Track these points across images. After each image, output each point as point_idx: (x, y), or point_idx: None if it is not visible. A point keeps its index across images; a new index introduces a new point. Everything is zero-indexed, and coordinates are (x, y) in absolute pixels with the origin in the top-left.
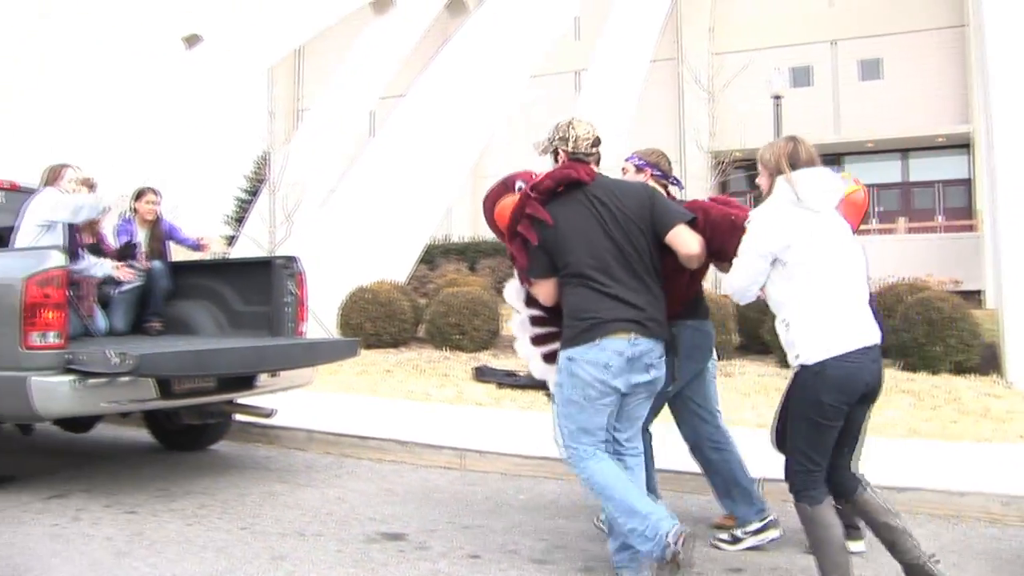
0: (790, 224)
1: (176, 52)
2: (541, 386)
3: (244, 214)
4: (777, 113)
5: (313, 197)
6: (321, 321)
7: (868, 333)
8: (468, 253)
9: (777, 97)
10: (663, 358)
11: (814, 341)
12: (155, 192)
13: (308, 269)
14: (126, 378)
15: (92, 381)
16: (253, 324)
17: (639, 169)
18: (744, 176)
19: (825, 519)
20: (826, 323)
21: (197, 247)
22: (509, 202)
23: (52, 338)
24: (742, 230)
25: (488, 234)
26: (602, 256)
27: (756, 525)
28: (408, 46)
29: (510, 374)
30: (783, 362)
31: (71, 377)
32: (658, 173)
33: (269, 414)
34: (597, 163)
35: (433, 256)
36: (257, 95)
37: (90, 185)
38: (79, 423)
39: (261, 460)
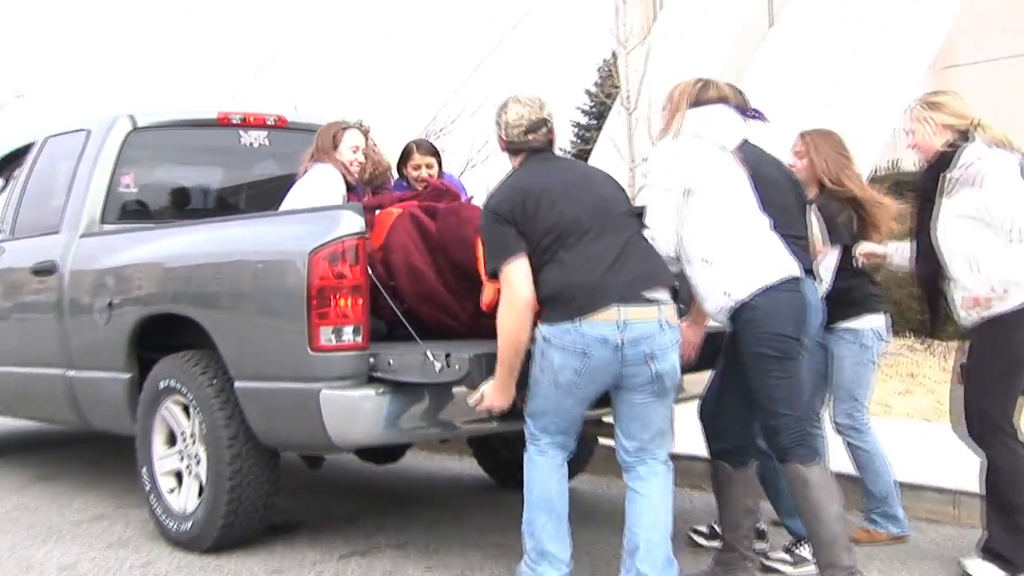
0: (698, 154)
1: None
2: None
3: (587, 145)
4: None
5: None
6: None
7: (791, 264)
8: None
9: None
10: (673, 340)
11: (745, 273)
12: (428, 149)
13: None
14: (454, 389)
15: (406, 395)
16: None
17: None
18: None
19: (822, 480)
20: (754, 253)
21: None
22: None
23: (350, 335)
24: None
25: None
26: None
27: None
28: None
29: None
30: None
31: (376, 389)
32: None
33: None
34: (548, 146)
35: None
36: None
37: (375, 158)
38: (384, 453)
39: None
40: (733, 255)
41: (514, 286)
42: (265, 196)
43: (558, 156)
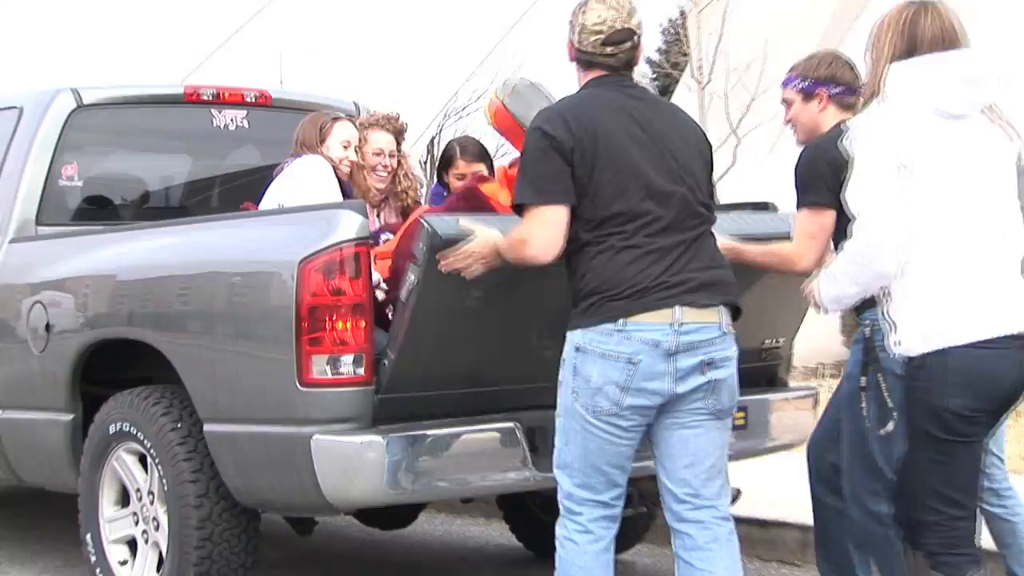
0: (914, 133)
1: None
2: None
3: None
4: None
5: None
6: None
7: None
8: None
9: None
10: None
11: (931, 320)
12: (476, 153)
13: None
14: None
15: (420, 443)
16: None
17: (807, 95)
18: None
19: None
20: (955, 293)
21: None
22: None
23: (349, 366)
24: None
25: None
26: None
27: None
28: None
29: None
30: None
31: (384, 436)
32: (838, 90)
33: (735, 496)
34: (626, 67)
35: None
36: None
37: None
38: (392, 515)
39: None
40: (924, 293)
41: (538, 241)
42: (244, 191)
43: (637, 86)
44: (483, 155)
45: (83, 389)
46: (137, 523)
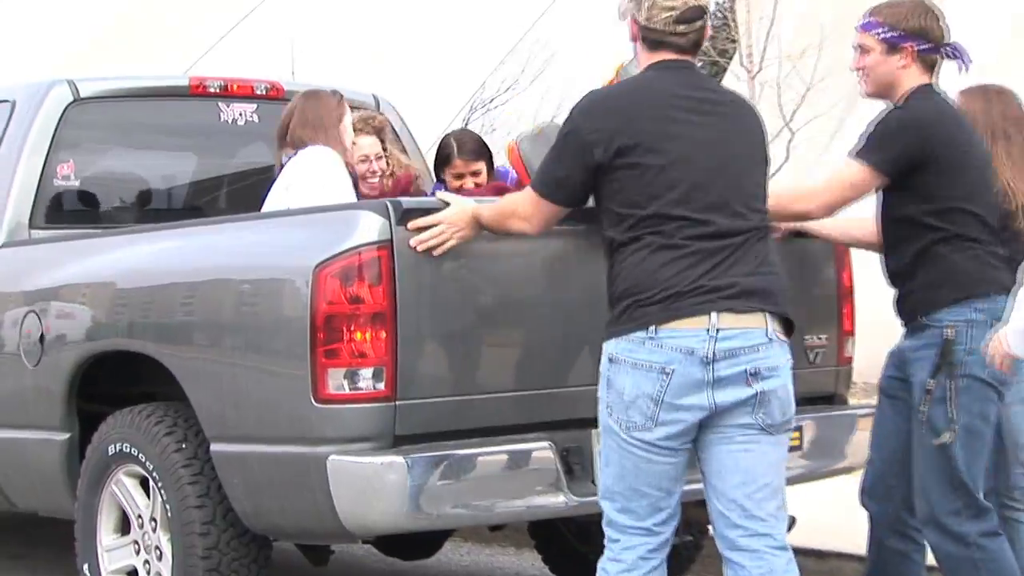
0: None
1: None
2: None
3: None
4: None
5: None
6: None
7: None
8: None
9: None
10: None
11: None
12: (474, 150)
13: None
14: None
15: (448, 464)
16: None
17: (891, 47)
18: None
19: None
20: None
21: None
22: None
23: (368, 381)
24: None
25: None
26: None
27: None
28: None
29: None
30: None
31: (406, 456)
32: (925, 47)
33: (790, 525)
34: (694, 49)
35: None
36: None
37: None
38: (414, 543)
39: None
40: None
41: (526, 219)
42: (253, 191)
43: (702, 74)
44: (482, 151)
45: (80, 406)
46: (139, 552)
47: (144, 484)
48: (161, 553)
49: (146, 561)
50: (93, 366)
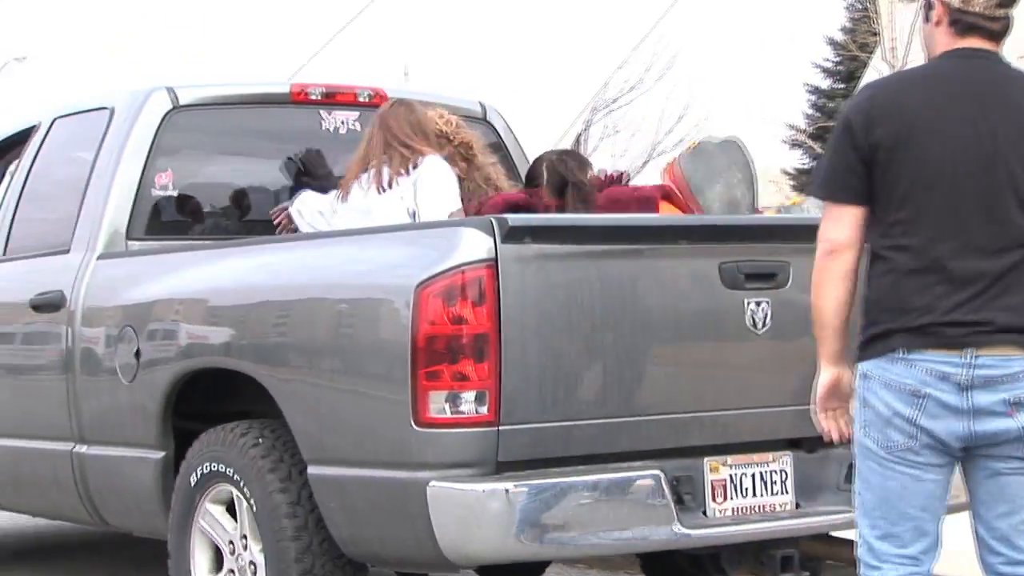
0: None
1: None
2: None
3: (829, 121)
4: None
5: None
6: None
7: None
8: None
9: None
10: None
11: None
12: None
13: None
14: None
15: (554, 491)
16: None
17: None
18: None
19: None
20: None
21: None
22: None
23: (471, 405)
24: None
25: None
26: None
27: None
28: None
29: None
30: None
31: (510, 484)
32: None
33: None
34: (1002, 37)
35: None
36: None
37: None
38: (517, 572)
39: None
40: None
41: (829, 238)
42: None
43: (1010, 66)
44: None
45: (176, 425)
46: None
47: (230, 509)
48: (256, 567)
49: None
50: (189, 383)
